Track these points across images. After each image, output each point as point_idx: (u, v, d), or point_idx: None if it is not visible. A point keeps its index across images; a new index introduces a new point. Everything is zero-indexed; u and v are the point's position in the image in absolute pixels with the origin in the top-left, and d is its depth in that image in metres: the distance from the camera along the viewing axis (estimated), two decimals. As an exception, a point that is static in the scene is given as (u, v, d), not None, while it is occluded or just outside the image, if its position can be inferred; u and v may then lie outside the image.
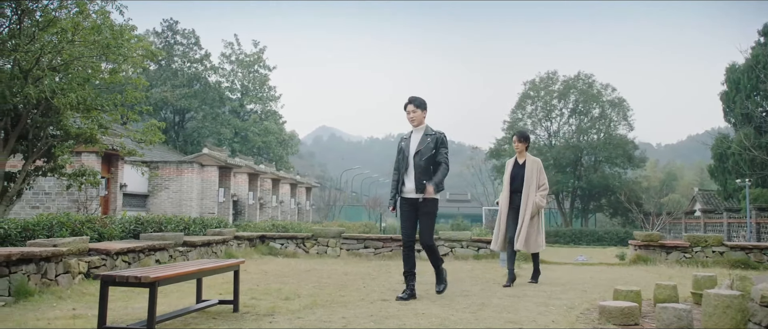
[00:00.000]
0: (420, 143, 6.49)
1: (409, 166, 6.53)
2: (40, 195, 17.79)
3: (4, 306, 5.53)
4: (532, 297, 6.79)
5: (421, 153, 6.44)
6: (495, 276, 9.16)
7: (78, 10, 12.01)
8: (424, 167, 6.43)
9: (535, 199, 7.92)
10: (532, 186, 7.96)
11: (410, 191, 6.49)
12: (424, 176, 6.40)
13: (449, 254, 12.49)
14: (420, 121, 6.56)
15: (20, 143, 12.05)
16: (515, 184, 8.06)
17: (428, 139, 6.51)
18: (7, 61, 12.07)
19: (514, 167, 8.21)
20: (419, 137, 6.56)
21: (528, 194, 7.95)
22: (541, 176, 8.06)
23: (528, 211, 7.90)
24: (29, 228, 7.42)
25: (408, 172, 6.53)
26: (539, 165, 8.13)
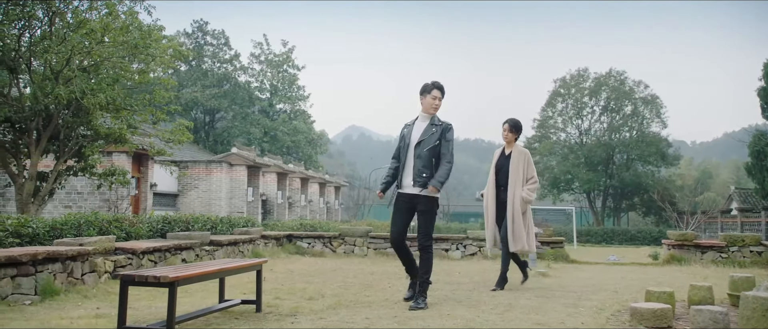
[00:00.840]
0: (424, 133, 5.93)
1: (408, 157, 5.97)
2: (73, 195, 18.04)
3: (31, 304, 5.55)
4: (561, 298, 6.63)
5: (424, 144, 5.88)
6: (523, 276, 8.99)
7: (108, 12, 12.14)
8: (425, 159, 5.87)
9: (523, 194, 7.18)
10: (519, 180, 7.22)
11: (408, 186, 5.93)
12: (425, 169, 5.84)
13: (477, 253, 12.34)
14: (437, 110, 6.06)
15: (52, 143, 12.21)
16: (500, 177, 7.35)
17: (433, 129, 5.95)
18: (39, 63, 12.24)
19: (500, 158, 7.46)
20: (424, 126, 6.00)
21: (514, 189, 7.19)
22: (529, 169, 7.32)
23: (516, 207, 7.16)
24: (57, 227, 7.46)
25: (406, 163, 5.97)
26: (527, 156, 7.37)
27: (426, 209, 5.90)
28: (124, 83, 12.93)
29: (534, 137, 41.11)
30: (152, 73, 13.96)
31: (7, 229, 6.55)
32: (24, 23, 11.45)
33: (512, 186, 7.19)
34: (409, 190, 5.91)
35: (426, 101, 6.02)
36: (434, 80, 6.07)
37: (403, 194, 5.97)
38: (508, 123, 7.40)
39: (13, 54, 11.36)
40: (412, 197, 5.90)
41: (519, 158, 7.27)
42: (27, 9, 10.95)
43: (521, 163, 7.25)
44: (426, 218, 5.93)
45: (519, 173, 7.22)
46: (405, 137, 6.08)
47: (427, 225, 5.96)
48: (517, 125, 7.43)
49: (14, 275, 5.57)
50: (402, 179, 5.99)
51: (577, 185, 38.83)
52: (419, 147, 5.87)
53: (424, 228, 5.96)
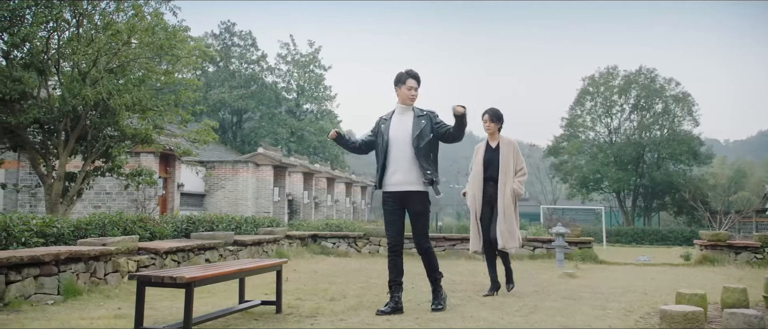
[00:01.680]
0: (415, 127, 5.50)
1: (396, 154, 5.51)
2: (102, 195, 18.24)
3: (53, 304, 5.57)
4: (588, 300, 6.47)
5: (421, 138, 5.46)
6: (550, 276, 8.83)
7: (134, 13, 12.23)
8: (425, 154, 5.47)
9: (514, 186, 6.71)
10: (510, 172, 6.75)
11: (396, 184, 5.48)
12: (429, 166, 5.46)
13: (504, 254, 12.16)
14: (414, 100, 5.67)
15: (80, 144, 12.34)
16: (489, 171, 6.81)
17: (423, 121, 5.55)
18: (67, 65, 12.38)
19: (486, 151, 6.93)
20: (410, 119, 5.57)
21: (505, 182, 6.72)
22: (518, 160, 6.86)
23: (507, 201, 6.68)
24: (82, 227, 7.51)
25: (392, 161, 5.51)
26: (515, 147, 6.90)
27: (421, 210, 5.53)
28: (150, 84, 13.02)
29: (562, 136, 40.63)
30: (178, 74, 14.06)
31: (32, 229, 6.60)
32: (53, 25, 11.58)
33: (503, 180, 6.72)
34: (399, 188, 5.48)
35: (402, 92, 5.63)
36: (408, 69, 5.70)
37: (392, 193, 5.51)
38: (489, 113, 6.89)
39: (43, 56, 11.50)
40: (403, 196, 5.48)
41: (508, 149, 6.82)
42: (55, 11, 11.06)
43: (511, 155, 6.81)
44: (421, 219, 5.56)
45: (510, 166, 6.77)
46: (383, 132, 5.63)
47: (424, 226, 5.58)
48: (498, 114, 6.92)
49: (37, 275, 5.60)
50: (387, 177, 5.55)
51: (606, 184, 38.28)
52: (417, 143, 5.46)
53: (421, 230, 5.57)
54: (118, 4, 12.35)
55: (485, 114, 6.92)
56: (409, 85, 5.60)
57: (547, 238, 12.09)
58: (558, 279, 8.60)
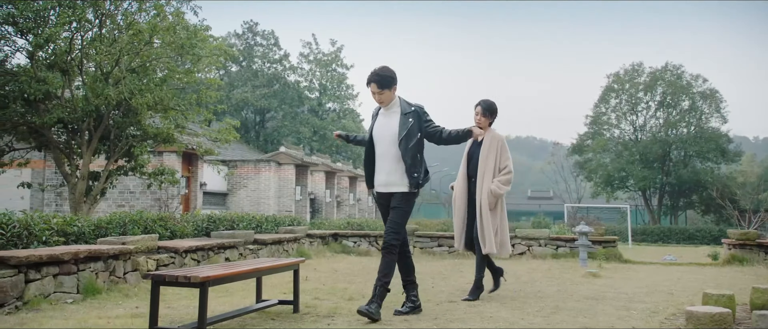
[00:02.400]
0: (402, 126, 5.16)
1: (381, 153, 5.24)
2: (126, 194, 18.42)
3: (72, 303, 5.58)
4: (611, 300, 6.33)
5: (407, 139, 5.12)
6: (573, 276, 8.69)
7: (156, 13, 12.30)
8: (412, 155, 5.13)
9: (492, 186, 6.16)
10: (489, 169, 6.24)
11: (382, 184, 5.26)
12: (414, 168, 5.14)
13: (526, 252, 12.03)
14: (389, 101, 5.24)
15: (103, 144, 12.44)
16: (471, 166, 6.39)
17: (410, 120, 5.19)
18: (90, 65, 12.50)
19: (471, 145, 6.49)
20: (396, 117, 5.22)
21: (482, 181, 6.23)
22: (502, 157, 6.29)
23: (484, 202, 6.16)
24: (102, 226, 7.53)
25: (380, 160, 5.25)
26: (501, 143, 6.33)
27: (400, 206, 5.16)
28: (172, 84, 13.09)
29: (586, 134, 40.21)
30: (200, 74, 14.12)
31: (53, 228, 6.62)
32: (76, 26, 11.68)
33: (481, 178, 6.24)
34: (383, 189, 5.27)
35: (373, 98, 5.32)
36: (370, 73, 5.22)
37: (381, 193, 5.33)
38: (481, 105, 6.37)
39: (66, 57, 11.60)
40: (388, 196, 5.27)
41: (491, 144, 6.29)
42: (78, 12, 11.15)
43: (493, 151, 6.28)
44: (398, 213, 5.15)
45: (489, 163, 6.26)
46: (370, 130, 5.38)
47: (397, 223, 5.14)
48: (492, 107, 6.39)
49: (56, 274, 5.61)
50: (374, 177, 5.33)
51: (631, 182, 37.80)
52: (405, 144, 5.13)
53: (394, 224, 5.14)
54: (140, 4, 12.44)
55: (477, 106, 6.41)
56: (371, 91, 5.23)
57: (570, 237, 11.92)
58: (581, 278, 8.45)
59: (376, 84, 5.15)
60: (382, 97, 5.19)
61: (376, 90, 5.16)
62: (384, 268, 5.10)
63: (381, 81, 5.14)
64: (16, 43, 11.62)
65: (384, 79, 5.15)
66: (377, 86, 5.15)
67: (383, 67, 5.20)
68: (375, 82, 5.15)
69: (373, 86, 5.17)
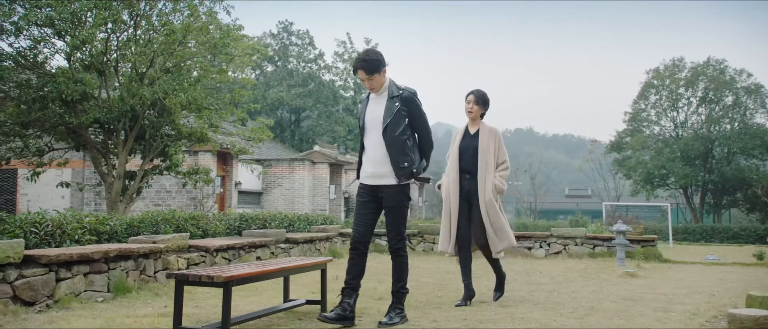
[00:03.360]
0: (387, 112, 4.76)
1: (369, 142, 4.85)
2: (162, 193, 18.65)
3: (103, 302, 5.61)
4: (650, 302, 6.13)
5: (393, 126, 4.72)
6: (610, 276, 8.47)
7: (189, 13, 12.40)
8: (400, 143, 4.73)
9: (495, 181, 5.83)
10: (490, 164, 5.85)
11: (370, 176, 4.85)
12: (403, 156, 4.73)
13: (562, 252, 11.79)
14: (380, 86, 4.84)
15: (138, 143, 12.59)
16: (464, 161, 5.94)
17: (396, 104, 4.78)
18: (126, 65, 12.66)
19: (463, 138, 6.05)
20: (383, 104, 4.81)
21: (485, 176, 5.83)
22: (500, 151, 5.95)
23: (488, 198, 5.82)
24: (135, 225, 7.58)
25: (368, 149, 4.87)
26: (498, 137, 5.98)
27: (395, 204, 4.80)
28: (206, 83, 13.19)
29: (625, 131, 39.42)
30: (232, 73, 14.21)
31: (85, 227, 6.68)
32: (111, 27, 11.84)
33: (482, 173, 5.83)
34: (370, 181, 4.86)
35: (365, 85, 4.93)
36: (355, 60, 4.85)
37: (365, 186, 4.92)
38: (474, 94, 5.98)
39: (103, 58, 11.76)
40: (376, 188, 4.83)
41: (489, 138, 5.91)
42: (113, 13, 11.29)
43: (492, 144, 5.91)
44: (396, 214, 4.82)
45: (490, 157, 5.86)
46: (360, 116, 5.02)
47: (398, 223, 4.83)
48: (485, 97, 5.99)
49: (87, 272, 5.64)
50: (363, 167, 4.96)
51: (672, 180, 36.93)
52: (388, 132, 4.73)
53: (395, 227, 4.83)
54: (174, 5, 12.55)
55: (470, 95, 6.01)
56: (359, 77, 4.88)
57: (608, 236, 11.65)
58: (618, 278, 8.23)
59: (363, 70, 4.78)
60: (373, 82, 4.80)
61: (365, 77, 4.79)
62: (398, 272, 4.92)
63: (368, 66, 4.76)
64: (56, 45, 11.83)
65: (371, 64, 4.76)
66: (365, 72, 4.77)
67: (368, 51, 4.90)
68: (362, 68, 4.77)
69: (361, 73, 4.80)
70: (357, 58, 4.84)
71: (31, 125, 12.14)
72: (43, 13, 11.12)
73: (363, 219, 4.85)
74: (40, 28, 11.32)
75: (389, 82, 4.89)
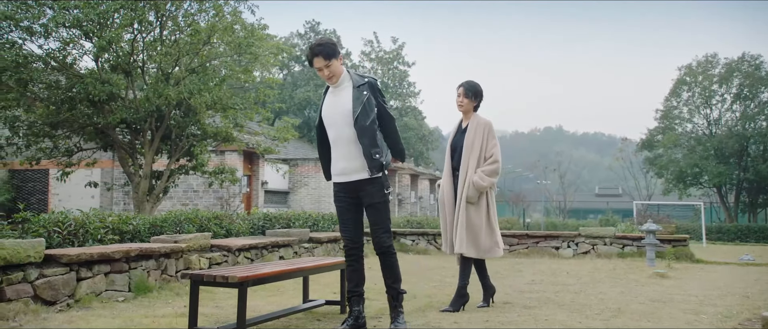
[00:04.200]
0: (356, 102, 4.34)
1: (338, 136, 4.42)
2: (189, 193, 18.79)
3: (123, 301, 5.60)
4: (680, 303, 5.94)
5: (363, 116, 4.31)
6: (639, 276, 8.26)
7: (214, 13, 12.45)
8: (371, 134, 4.31)
9: (473, 177, 5.35)
10: (473, 159, 5.43)
11: (344, 172, 4.44)
12: (375, 148, 4.32)
13: (591, 252, 11.57)
14: (339, 74, 4.42)
15: (164, 143, 12.68)
16: (455, 158, 5.57)
17: (365, 94, 4.38)
18: (152, 66, 12.76)
19: (455, 134, 5.71)
20: (349, 94, 4.39)
21: (466, 172, 5.43)
22: (488, 144, 5.48)
23: (463, 195, 5.38)
24: (158, 225, 7.60)
25: (338, 144, 4.44)
26: (487, 128, 5.51)
27: (378, 201, 4.39)
28: (231, 83, 13.24)
29: (656, 129, 38.71)
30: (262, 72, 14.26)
31: (108, 226, 6.70)
32: (138, 27, 11.94)
33: (465, 169, 5.43)
34: (345, 177, 4.45)
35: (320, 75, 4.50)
36: (309, 49, 4.42)
37: (340, 185, 4.52)
38: (464, 86, 5.56)
39: (129, 58, 11.87)
40: (353, 186, 4.44)
41: (476, 131, 5.48)
42: (138, 13, 11.37)
43: (479, 138, 5.46)
44: (379, 210, 4.41)
45: (474, 152, 5.45)
46: (321, 111, 4.55)
47: (382, 220, 4.42)
48: (475, 88, 5.56)
49: (108, 272, 5.64)
50: (334, 165, 4.53)
51: (706, 179, 36.16)
52: (359, 122, 4.31)
53: (381, 225, 4.43)
54: (200, 5, 12.61)
55: (460, 87, 5.59)
56: (316, 66, 4.41)
57: (637, 235, 11.40)
58: (647, 279, 8.02)
59: (321, 56, 4.34)
60: (331, 69, 4.35)
61: (323, 64, 4.33)
62: (391, 273, 4.49)
63: (325, 51, 4.33)
64: (84, 47, 11.97)
65: (328, 49, 4.34)
66: (323, 57, 4.33)
67: (320, 38, 4.48)
68: (320, 53, 4.34)
69: (318, 60, 4.35)
70: (310, 47, 4.41)
71: (60, 126, 12.30)
72: (71, 14, 11.25)
73: (350, 223, 4.52)
74: (69, 29, 11.45)
75: (346, 71, 4.50)
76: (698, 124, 38.53)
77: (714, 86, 37.60)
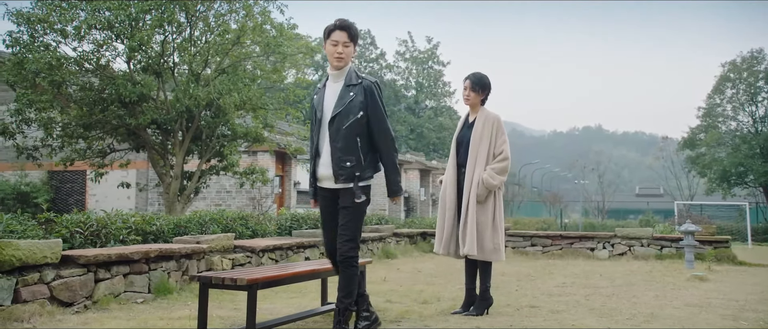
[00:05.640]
0: (339, 100, 3.98)
1: (322, 136, 4.05)
2: (222, 193, 18.87)
3: (142, 303, 5.55)
4: (718, 308, 5.64)
5: (341, 118, 3.94)
6: (676, 279, 7.93)
7: (245, 14, 12.45)
8: (346, 139, 3.93)
9: (483, 175, 5.05)
10: (481, 155, 5.12)
11: (326, 178, 4.04)
12: (347, 156, 3.93)
13: (627, 253, 11.22)
14: (347, 60, 4.06)
15: (195, 144, 12.71)
16: (461, 154, 5.29)
17: (351, 93, 3.99)
18: (184, 67, 12.81)
19: (461, 129, 5.41)
20: (338, 88, 4.04)
21: (473, 169, 5.12)
22: (497, 140, 5.16)
23: (472, 193, 5.06)
24: (182, 225, 7.56)
25: (321, 145, 4.06)
26: (496, 123, 5.20)
27: (348, 205, 3.97)
28: (261, 83, 13.22)
29: (699, 127, 37.72)
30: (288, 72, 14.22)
31: (130, 227, 6.67)
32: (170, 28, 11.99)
33: (472, 166, 5.12)
34: (325, 183, 4.07)
35: (328, 51, 4.04)
36: (338, 19, 4.05)
37: (323, 189, 4.11)
38: (470, 79, 5.27)
39: (160, 60, 11.92)
40: (333, 193, 4.06)
41: (485, 125, 5.17)
42: (167, 14, 11.41)
43: (487, 132, 5.16)
44: (352, 215, 3.96)
45: (482, 147, 5.14)
46: (315, 106, 4.14)
47: (353, 227, 3.97)
48: (483, 81, 5.26)
49: (127, 273, 5.59)
50: (317, 167, 4.10)
51: (751, 178, 35.09)
52: (335, 123, 3.95)
53: (349, 230, 3.96)
54: (230, 6, 12.62)
55: (466, 80, 5.30)
56: (334, 39, 3.99)
57: (676, 237, 11.00)
58: (685, 282, 7.69)
59: (346, 32, 3.99)
60: (346, 51, 4.00)
61: (344, 39, 3.97)
62: (344, 285, 3.97)
63: (352, 31, 4.00)
64: (117, 49, 12.06)
65: (354, 31, 4.00)
66: (347, 35, 4.00)
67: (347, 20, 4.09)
68: (346, 29, 3.98)
69: (340, 34, 3.98)
70: (340, 19, 4.04)
71: (93, 127, 12.41)
72: (103, 16, 11.35)
73: (331, 227, 4.10)
74: (101, 31, 11.55)
75: (352, 68, 4.13)
76: (743, 122, 37.44)
77: (759, 83, 36.51)
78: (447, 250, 5.22)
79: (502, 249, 5.14)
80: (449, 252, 5.23)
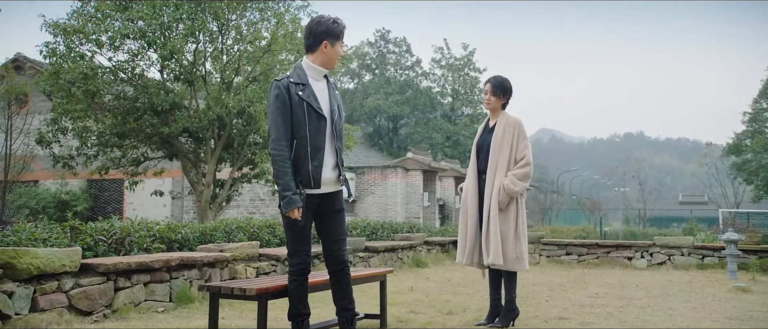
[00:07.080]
0: (332, 98, 3.80)
1: (325, 136, 3.72)
2: (256, 201, 18.94)
3: (163, 312, 5.50)
4: (759, 322, 5.34)
5: (340, 116, 3.83)
6: (717, 291, 7.58)
7: (276, 22, 12.46)
8: (341, 140, 3.87)
9: (504, 181, 4.85)
10: (502, 161, 4.93)
11: (330, 182, 3.76)
12: (340, 154, 3.85)
13: (667, 262, 10.85)
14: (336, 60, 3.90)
15: (227, 152, 12.75)
16: (481, 160, 5.08)
17: (337, 92, 3.90)
18: (216, 75, 12.89)
19: (482, 134, 5.22)
20: (324, 85, 3.81)
21: (494, 175, 4.93)
22: (519, 146, 4.97)
23: (494, 201, 4.86)
24: (208, 233, 7.52)
25: (325, 146, 3.72)
26: (517, 128, 5.01)
27: (342, 206, 3.87)
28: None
29: (744, 133, 36.62)
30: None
31: (154, 235, 6.65)
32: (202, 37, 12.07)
33: (493, 172, 4.93)
34: (330, 188, 3.78)
35: (331, 52, 3.76)
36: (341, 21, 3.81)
37: (311, 195, 3.71)
38: (491, 82, 5.10)
39: (192, 68, 12.00)
40: (330, 196, 3.80)
41: (506, 130, 4.98)
42: (198, 23, 11.48)
43: (508, 137, 4.97)
44: (343, 219, 3.89)
45: (503, 153, 4.95)
46: (304, 100, 3.66)
47: (346, 230, 3.93)
48: (504, 84, 5.08)
49: (147, 281, 5.55)
50: (320, 169, 3.70)
51: (800, 185, 33.93)
52: (335, 122, 3.77)
53: (344, 234, 3.90)
54: (262, 14, 12.65)
55: (487, 83, 5.15)
56: (344, 41, 3.90)
57: (719, 246, 10.58)
58: (726, 293, 7.35)
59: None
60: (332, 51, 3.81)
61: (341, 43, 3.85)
62: (349, 292, 3.90)
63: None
64: (151, 58, 12.19)
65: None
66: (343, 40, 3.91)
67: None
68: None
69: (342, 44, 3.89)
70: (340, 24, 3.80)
71: (127, 136, 12.55)
72: (136, 25, 11.47)
73: (309, 238, 3.81)
74: (134, 40, 11.67)
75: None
76: (792, 126, 36.21)
77: (808, 85, 35.29)
78: (470, 260, 5.01)
79: (525, 259, 4.91)
80: (473, 261, 5.02)
